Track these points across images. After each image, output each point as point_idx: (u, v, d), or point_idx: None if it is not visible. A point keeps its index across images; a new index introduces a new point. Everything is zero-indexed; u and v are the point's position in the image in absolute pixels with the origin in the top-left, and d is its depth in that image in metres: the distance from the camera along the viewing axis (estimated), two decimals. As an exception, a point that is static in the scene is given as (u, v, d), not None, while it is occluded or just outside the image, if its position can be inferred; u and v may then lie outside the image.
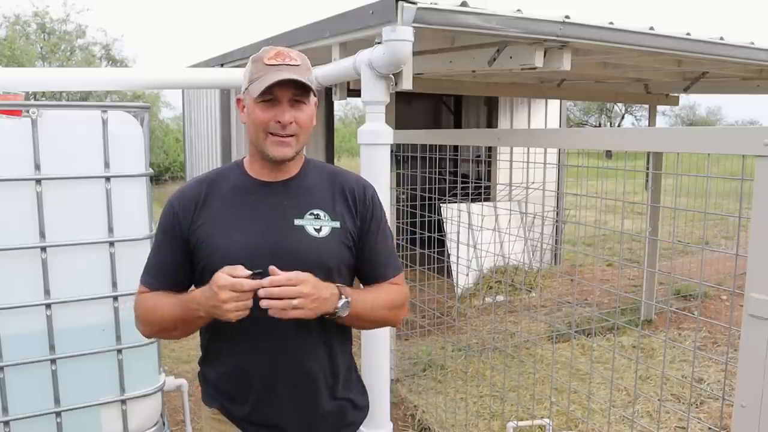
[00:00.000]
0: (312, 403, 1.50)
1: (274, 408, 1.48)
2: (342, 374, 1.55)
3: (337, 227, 1.46)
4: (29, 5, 21.12)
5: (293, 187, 1.49)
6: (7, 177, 1.98)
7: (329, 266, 1.44)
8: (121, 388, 2.21)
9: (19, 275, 2.03)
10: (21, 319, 2.03)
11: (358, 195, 1.51)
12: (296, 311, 1.26)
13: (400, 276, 1.57)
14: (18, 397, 2.05)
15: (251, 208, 1.46)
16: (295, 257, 1.39)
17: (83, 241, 2.09)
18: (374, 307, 1.47)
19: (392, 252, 1.58)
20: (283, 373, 1.46)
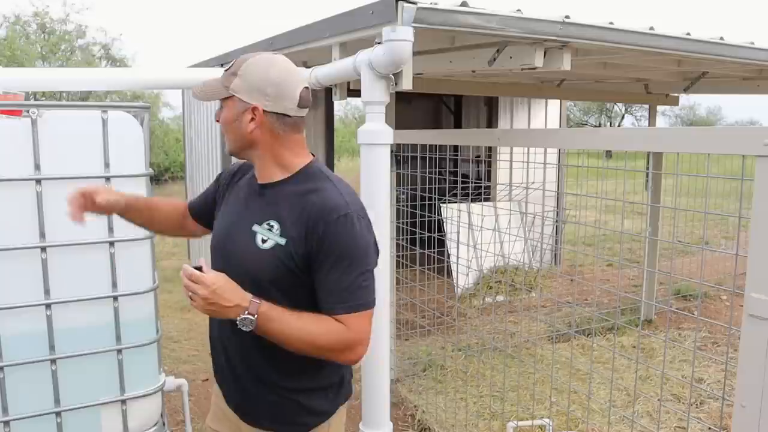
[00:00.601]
0: (249, 389, 1.59)
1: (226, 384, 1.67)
2: (287, 373, 1.55)
3: (281, 244, 1.44)
4: (29, 5, 21.12)
5: (270, 193, 1.53)
6: (7, 177, 1.98)
7: (259, 279, 1.45)
8: (121, 388, 2.21)
9: (19, 275, 2.02)
10: (21, 319, 2.03)
11: (312, 220, 1.43)
12: (193, 303, 1.37)
13: (351, 316, 1.42)
14: (18, 397, 2.05)
15: (235, 203, 1.63)
16: (234, 260, 1.51)
17: (83, 241, 2.09)
18: (293, 336, 1.41)
19: (346, 288, 1.42)
20: (231, 355, 1.60)
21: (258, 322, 1.37)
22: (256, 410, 1.60)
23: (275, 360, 1.52)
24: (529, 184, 3.52)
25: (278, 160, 1.53)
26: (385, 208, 2.20)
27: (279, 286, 1.46)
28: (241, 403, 1.64)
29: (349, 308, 1.42)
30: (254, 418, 1.61)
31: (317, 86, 2.69)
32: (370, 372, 2.28)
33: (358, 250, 1.44)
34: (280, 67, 1.49)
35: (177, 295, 6.22)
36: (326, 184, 1.50)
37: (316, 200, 1.45)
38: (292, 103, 1.48)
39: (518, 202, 5.98)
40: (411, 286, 4.04)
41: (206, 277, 1.35)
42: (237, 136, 1.52)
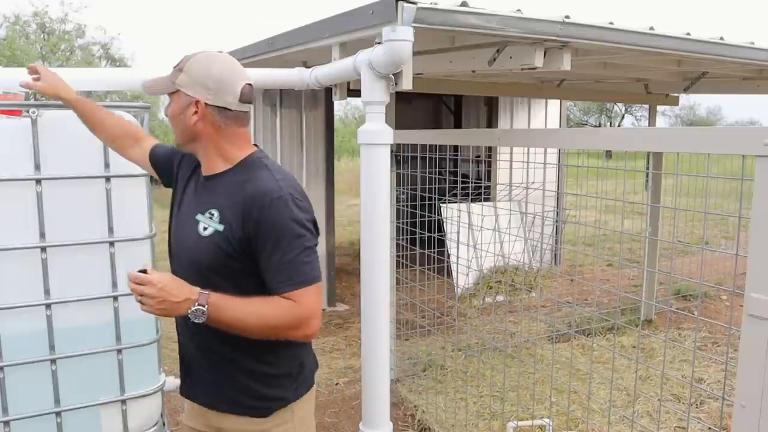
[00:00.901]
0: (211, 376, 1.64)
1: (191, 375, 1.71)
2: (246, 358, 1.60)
3: (219, 230, 1.52)
4: (28, 5, 21.12)
5: (212, 184, 1.61)
6: (7, 177, 1.98)
7: (201, 265, 1.55)
8: (121, 388, 2.21)
9: (19, 275, 2.03)
10: (21, 319, 2.03)
11: (247, 205, 1.49)
12: (143, 307, 1.43)
13: (299, 292, 1.48)
14: (18, 397, 2.05)
15: (185, 192, 1.70)
16: (181, 249, 1.63)
17: (83, 241, 2.09)
18: (244, 320, 1.46)
19: (288, 265, 1.48)
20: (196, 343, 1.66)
21: (209, 312, 1.43)
22: (218, 396, 1.65)
23: (234, 346, 1.58)
24: (529, 184, 3.52)
25: (220, 152, 1.60)
26: (385, 208, 2.20)
27: (219, 272, 1.53)
28: (205, 390, 1.68)
29: (296, 284, 1.48)
30: (217, 404, 1.67)
31: (317, 86, 2.69)
32: (370, 372, 2.28)
33: (295, 229, 1.49)
34: (222, 63, 1.57)
35: (177, 295, 6.21)
36: (262, 172, 1.57)
37: (250, 187, 1.52)
38: (234, 98, 1.55)
39: (518, 202, 5.98)
40: (411, 286, 4.04)
41: (151, 276, 1.41)
42: (182, 128, 1.60)
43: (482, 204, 5.75)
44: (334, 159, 5.94)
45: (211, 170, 1.62)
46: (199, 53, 1.58)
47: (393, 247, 3.72)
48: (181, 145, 1.64)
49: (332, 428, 3.59)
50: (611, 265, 7.37)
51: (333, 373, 4.36)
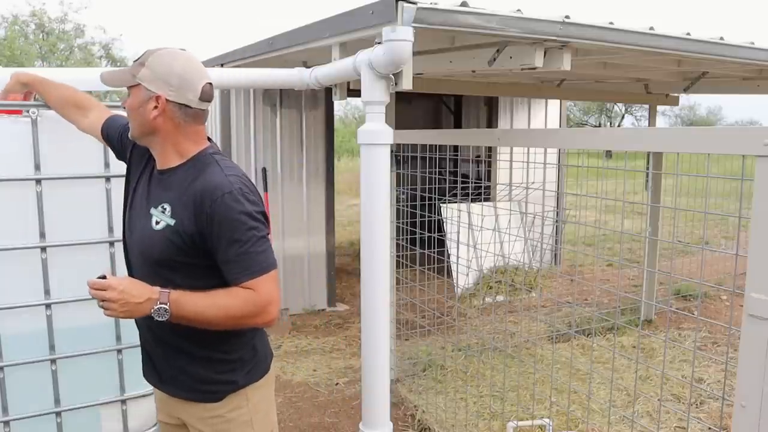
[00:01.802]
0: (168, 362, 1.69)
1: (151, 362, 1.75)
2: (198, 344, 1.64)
3: (170, 224, 1.56)
4: (26, 5, 21.12)
5: (167, 179, 1.63)
6: (7, 177, 1.98)
7: (152, 258, 1.59)
8: (121, 388, 2.21)
9: (19, 275, 2.03)
10: (21, 319, 2.03)
11: (200, 199, 1.53)
12: (108, 312, 1.46)
13: (257, 281, 1.52)
14: (18, 397, 2.05)
15: (139, 186, 1.70)
16: (134, 243, 1.65)
17: (83, 241, 2.09)
18: (206, 312, 1.50)
19: (243, 256, 1.52)
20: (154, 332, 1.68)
21: (171, 309, 1.47)
22: (176, 385, 1.70)
23: (187, 336, 1.61)
24: (529, 184, 3.52)
25: (177, 148, 1.63)
26: (385, 208, 2.20)
27: (170, 265, 1.57)
28: (164, 379, 1.73)
29: (253, 274, 1.53)
30: (176, 392, 1.71)
31: (317, 86, 2.69)
32: (370, 372, 2.28)
33: (247, 222, 1.54)
34: (185, 61, 1.59)
35: (177, 295, 6.22)
36: (212, 168, 1.60)
37: (201, 183, 1.56)
38: (194, 95, 1.58)
39: (518, 202, 5.98)
40: (411, 286, 4.04)
41: (111, 281, 1.45)
42: (140, 122, 1.60)
43: (482, 204, 5.75)
44: (334, 159, 5.94)
45: (164, 164, 1.64)
46: (162, 49, 1.60)
47: (393, 247, 3.72)
48: (137, 137, 1.65)
49: (332, 428, 3.59)
50: (611, 265, 7.37)
51: (333, 373, 4.36)
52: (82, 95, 1.99)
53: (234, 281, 1.53)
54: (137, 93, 1.58)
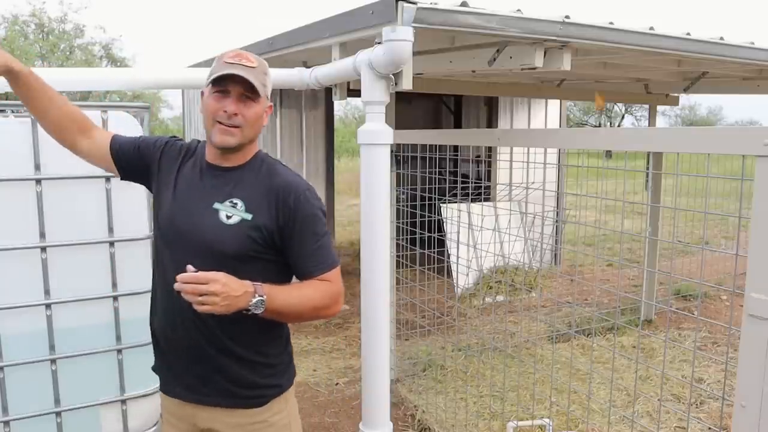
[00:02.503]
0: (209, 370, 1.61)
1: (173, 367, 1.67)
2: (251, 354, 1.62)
3: (247, 219, 1.56)
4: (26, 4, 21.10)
5: (230, 176, 1.62)
6: (7, 177, 1.98)
7: (226, 253, 1.54)
8: (121, 388, 2.21)
9: (19, 275, 2.03)
10: (21, 319, 2.04)
11: (282, 196, 1.58)
12: (206, 307, 1.39)
13: (331, 273, 1.62)
14: (18, 397, 2.05)
15: (189, 184, 1.64)
16: (196, 237, 1.57)
17: (83, 241, 2.09)
18: (294, 304, 1.55)
19: (321, 249, 1.61)
20: (194, 338, 1.59)
21: (267, 301, 1.46)
22: (209, 388, 1.62)
23: (232, 338, 1.59)
24: (529, 184, 3.52)
25: (251, 148, 1.66)
26: (385, 208, 2.20)
27: (240, 258, 1.55)
28: (190, 383, 1.64)
29: (329, 266, 1.61)
30: (207, 396, 1.64)
31: (317, 86, 2.69)
32: (370, 372, 2.28)
33: (322, 218, 1.63)
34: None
35: (177, 295, 6.22)
36: (280, 167, 1.68)
37: (278, 180, 1.61)
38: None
39: (518, 202, 5.98)
40: (411, 286, 4.04)
41: (213, 273, 1.39)
42: (255, 131, 1.61)
43: (482, 204, 5.75)
44: (334, 159, 5.94)
45: (227, 162, 1.63)
46: (250, 53, 1.60)
47: (393, 247, 3.72)
48: (235, 145, 1.58)
49: (332, 428, 3.59)
50: (611, 265, 7.37)
51: (333, 373, 4.36)
52: (80, 112, 1.78)
53: (310, 274, 1.59)
54: (261, 102, 1.59)
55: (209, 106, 1.57)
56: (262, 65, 1.59)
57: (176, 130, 19.30)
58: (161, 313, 1.65)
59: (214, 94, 1.56)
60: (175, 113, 22.89)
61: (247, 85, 1.54)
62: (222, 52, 1.61)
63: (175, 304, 1.54)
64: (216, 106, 1.55)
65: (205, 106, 1.60)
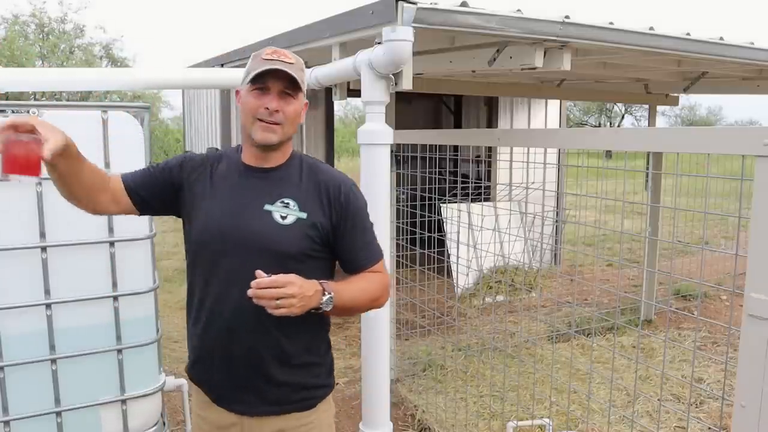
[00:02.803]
0: (263, 379, 1.58)
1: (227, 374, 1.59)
2: (302, 355, 1.61)
3: (303, 218, 1.55)
4: (27, 4, 21.10)
5: (274, 176, 1.60)
6: (7, 177, 1.98)
7: (286, 253, 1.53)
8: (121, 388, 2.21)
9: (19, 275, 2.03)
10: (21, 319, 2.03)
11: (333, 192, 1.59)
12: (283, 310, 1.37)
13: (380, 263, 1.66)
14: (18, 397, 2.05)
15: (232, 188, 1.60)
16: (254, 239, 1.53)
17: (83, 241, 2.09)
18: (357, 297, 1.57)
19: (370, 241, 1.66)
20: (240, 344, 1.56)
21: (335, 297, 1.47)
22: (270, 397, 1.59)
23: (290, 340, 1.58)
24: (529, 184, 3.52)
25: (289, 146, 1.64)
26: (385, 208, 2.20)
27: (299, 258, 1.54)
28: (253, 395, 1.60)
29: (377, 258, 1.66)
30: (260, 406, 1.60)
31: (317, 86, 2.69)
32: (370, 372, 2.28)
33: (368, 212, 1.67)
34: None
35: (177, 296, 6.22)
36: (321, 164, 1.69)
37: (324, 176, 1.62)
38: None
39: (518, 202, 5.98)
40: (411, 286, 4.04)
41: (288, 276, 1.38)
42: (294, 129, 1.60)
43: (482, 204, 5.75)
44: (334, 159, 5.94)
45: (267, 163, 1.61)
46: (286, 50, 1.57)
47: (393, 247, 3.72)
48: (274, 142, 1.55)
49: (332, 428, 3.59)
50: (611, 265, 7.37)
51: (333, 373, 4.36)
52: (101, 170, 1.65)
53: (362, 267, 1.62)
54: (300, 99, 1.57)
55: (249, 104, 1.53)
56: (299, 62, 1.57)
57: (176, 130, 19.30)
58: (214, 324, 1.58)
59: (253, 92, 1.53)
60: (175, 113, 22.88)
61: (288, 80, 1.51)
62: (258, 50, 1.59)
63: (235, 312, 1.52)
64: (256, 104, 1.52)
65: (244, 104, 1.55)
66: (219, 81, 3.06)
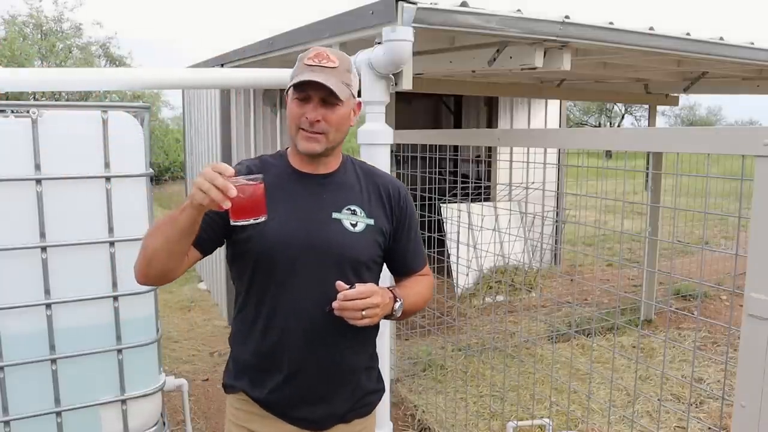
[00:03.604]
0: (334, 389, 1.55)
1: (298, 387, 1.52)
2: (366, 361, 1.62)
3: (371, 224, 1.53)
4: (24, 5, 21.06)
5: (331, 182, 1.55)
6: (7, 177, 1.98)
7: (360, 260, 1.51)
8: (121, 388, 2.21)
9: (19, 275, 2.03)
10: (21, 319, 2.03)
11: (393, 196, 1.59)
12: (368, 320, 1.38)
13: (427, 266, 1.69)
14: (18, 397, 2.05)
15: (290, 196, 1.51)
16: (329, 248, 1.48)
17: (83, 241, 2.09)
18: (417, 302, 1.60)
19: (420, 245, 1.68)
20: (313, 355, 1.50)
21: (405, 303, 1.50)
22: (339, 408, 1.57)
23: (358, 347, 1.57)
24: (529, 184, 3.52)
25: (340, 151, 1.59)
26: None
27: (371, 263, 1.55)
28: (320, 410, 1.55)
29: (425, 260, 1.69)
30: (336, 417, 1.57)
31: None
32: (370, 372, 2.28)
33: (415, 214, 1.67)
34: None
35: (177, 295, 6.23)
36: (369, 167, 1.66)
37: (381, 180, 1.61)
38: None
39: (518, 202, 5.98)
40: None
41: (371, 285, 1.40)
42: (343, 134, 1.53)
43: (482, 204, 5.75)
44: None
45: (328, 169, 1.55)
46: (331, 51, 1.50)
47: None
48: (325, 148, 1.48)
49: (332, 428, 3.59)
50: (611, 265, 7.37)
51: (333, 373, 4.35)
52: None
53: (413, 270, 1.65)
54: (347, 104, 1.48)
55: (292, 112, 1.47)
56: (344, 62, 1.49)
57: (176, 131, 19.29)
58: (288, 336, 1.49)
59: (295, 100, 1.46)
60: (176, 113, 22.88)
61: (328, 90, 1.42)
62: (304, 52, 1.50)
63: (312, 324, 1.47)
64: (298, 112, 1.45)
65: (288, 111, 1.49)
66: (219, 81, 3.06)
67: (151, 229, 1.45)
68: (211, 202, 1.23)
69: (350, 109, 1.51)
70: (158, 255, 1.39)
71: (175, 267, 1.42)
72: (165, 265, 1.40)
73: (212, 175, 1.23)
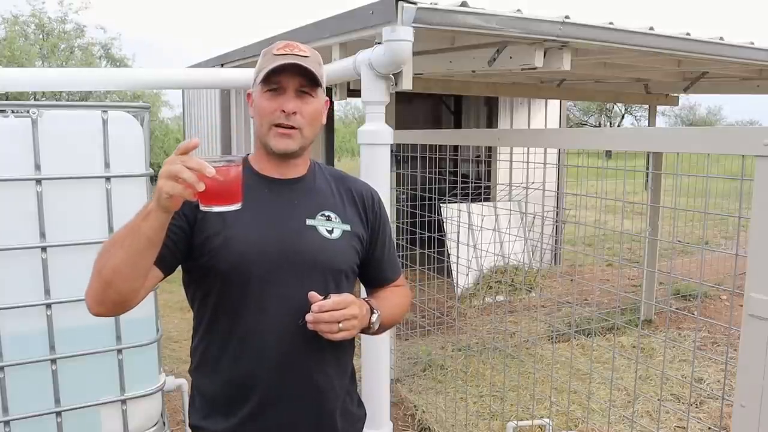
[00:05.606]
0: (316, 414, 1.41)
1: (272, 417, 1.37)
2: (347, 384, 1.49)
3: (347, 230, 1.43)
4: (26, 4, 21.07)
5: (302, 187, 1.43)
6: (7, 177, 1.98)
7: (340, 269, 1.41)
8: (121, 388, 2.21)
9: (19, 275, 2.03)
10: (21, 319, 2.03)
11: (367, 201, 1.50)
12: (344, 333, 1.27)
13: (402, 276, 1.61)
14: (18, 397, 2.05)
15: (259, 204, 1.37)
16: (305, 257, 1.36)
17: (83, 241, 2.09)
18: (394, 314, 1.51)
19: (395, 254, 1.59)
20: (290, 382, 1.37)
21: (381, 314, 1.39)
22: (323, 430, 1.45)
23: (338, 364, 1.45)
24: (529, 184, 3.52)
25: (308, 153, 1.47)
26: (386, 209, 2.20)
27: (350, 272, 1.45)
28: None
29: (400, 270, 1.60)
30: None
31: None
32: (370, 372, 2.28)
33: (389, 221, 1.59)
34: None
35: (177, 295, 6.22)
36: (338, 171, 1.58)
37: (353, 184, 1.52)
38: None
39: (518, 202, 5.98)
40: (411, 286, 4.04)
41: (347, 295, 1.29)
42: (315, 132, 1.41)
43: (482, 204, 5.75)
44: (334, 159, 5.94)
45: (292, 173, 1.43)
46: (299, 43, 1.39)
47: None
48: (301, 150, 1.39)
49: (332, 428, 3.59)
50: (611, 265, 7.37)
51: (333, 373, 4.35)
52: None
53: (388, 280, 1.56)
54: (319, 97, 1.38)
55: (263, 109, 1.34)
56: (315, 55, 1.38)
57: (176, 130, 19.30)
58: (263, 357, 1.35)
59: (266, 93, 1.33)
60: (175, 113, 22.90)
61: (305, 76, 1.32)
62: (268, 47, 1.38)
63: (291, 341, 1.34)
64: (271, 107, 1.32)
65: (257, 109, 1.36)
66: (219, 81, 3.06)
67: (102, 250, 1.26)
68: (183, 189, 1.08)
69: (322, 104, 1.41)
70: (119, 274, 1.21)
71: (138, 287, 1.25)
72: (129, 284, 1.23)
73: (181, 157, 1.10)
